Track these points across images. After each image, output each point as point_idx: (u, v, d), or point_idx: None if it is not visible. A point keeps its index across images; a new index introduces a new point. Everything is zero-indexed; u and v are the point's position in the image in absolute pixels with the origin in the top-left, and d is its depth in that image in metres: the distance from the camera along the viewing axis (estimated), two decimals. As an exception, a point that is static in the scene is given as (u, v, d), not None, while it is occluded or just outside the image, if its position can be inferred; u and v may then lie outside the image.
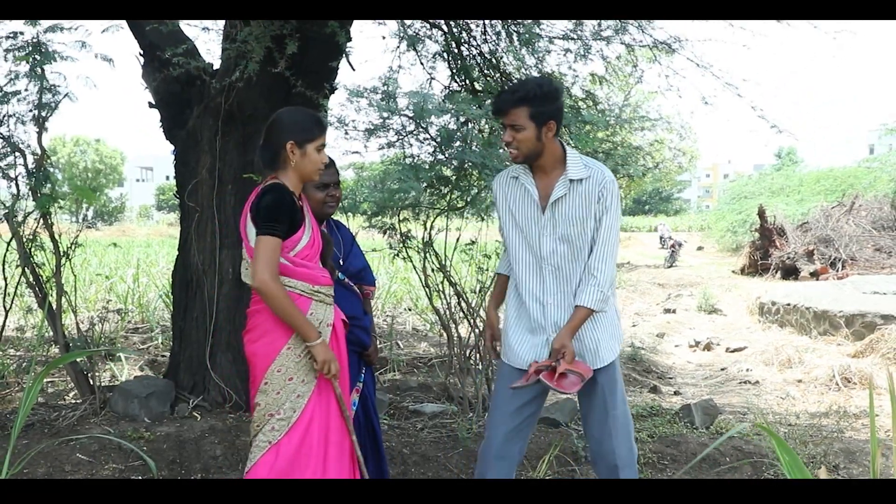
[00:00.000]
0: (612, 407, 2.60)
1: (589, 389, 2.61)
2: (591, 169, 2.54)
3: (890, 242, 16.21)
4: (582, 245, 2.54)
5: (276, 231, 2.34)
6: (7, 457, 2.53)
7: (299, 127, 2.42)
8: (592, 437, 2.67)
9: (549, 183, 2.54)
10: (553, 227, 2.54)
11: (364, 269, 3.01)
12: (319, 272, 2.50)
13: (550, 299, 2.57)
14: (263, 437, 2.43)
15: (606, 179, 2.53)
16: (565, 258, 2.55)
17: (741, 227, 22.51)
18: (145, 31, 3.99)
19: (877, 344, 6.81)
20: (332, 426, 2.49)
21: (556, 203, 2.53)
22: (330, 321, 2.52)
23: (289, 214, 2.38)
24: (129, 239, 22.78)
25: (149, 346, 6.75)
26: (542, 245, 2.55)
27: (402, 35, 4.07)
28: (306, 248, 2.45)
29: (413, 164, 3.52)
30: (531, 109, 2.41)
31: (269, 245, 2.33)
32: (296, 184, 2.46)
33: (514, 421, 2.61)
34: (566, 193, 2.52)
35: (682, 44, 4.18)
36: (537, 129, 2.44)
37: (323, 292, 2.50)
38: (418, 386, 5.42)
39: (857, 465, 3.86)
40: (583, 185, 2.52)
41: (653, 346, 8.41)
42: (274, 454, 2.41)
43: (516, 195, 2.60)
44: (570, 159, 2.53)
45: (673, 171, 30.65)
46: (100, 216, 43.96)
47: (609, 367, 2.61)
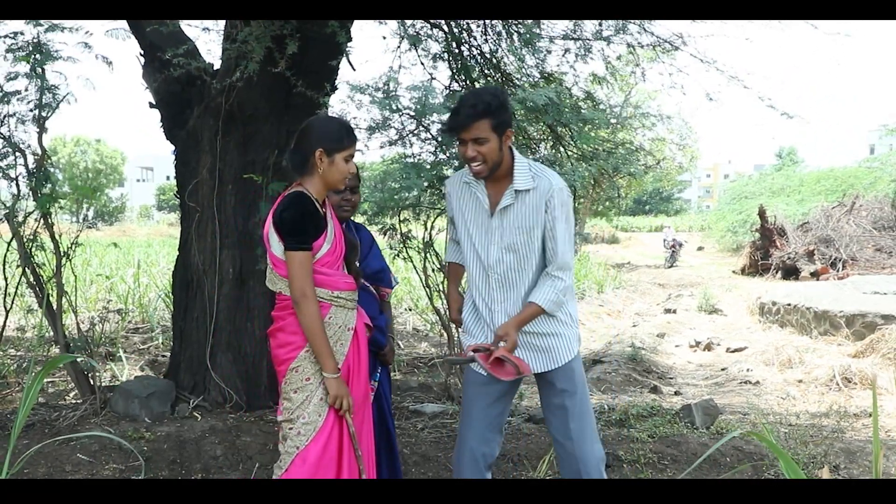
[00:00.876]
0: (571, 409, 2.57)
1: (548, 391, 2.62)
2: (539, 178, 2.52)
3: (890, 242, 16.22)
4: (527, 254, 2.53)
5: (304, 245, 2.40)
6: (7, 457, 2.53)
7: (330, 136, 2.46)
8: (555, 440, 2.64)
9: (500, 191, 2.54)
10: (500, 236, 2.54)
11: (382, 271, 3.02)
12: (340, 277, 2.52)
13: (497, 306, 2.58)
14: (292, 443, 2.46)
15: (554, 188, 2.50)
16: (511, 267, 2.55)
17: (741, 227, 22.53)
18: (146, 31, 3.99)
19: (877, 344, 6.80)
20: (346, 433, 2.52)
21: (503, 211, 2.53)
22: (351, 325, 2.55)
23: (312, 223, 2.43)
24: (129, 239, 22.78)
25: (149, 346, 6.76)
26: (490, 253, 2.55)
27: (402, 35, 4.07)
28: (327, 255, 2.48)
29: (414, 163, 3.52)
30: (492, 121, 2.40)
31: (300, 260, 2.39)
32: (320, 190, 2.49)
33: (485, 419, 2.60)
34: (512, 203, 2.51)
35: (684, 40, 4.17)
36: (499, 140, 2.44)
37: (344, 297, 2.52)
38: (419, 386, 5.42)
39: (857, 465, 3.85)
40: (529, 196, 2.50)
41: (653, 347, 8.41)
42: (301, 460, 2.44)
43: (468, 200, 2.60)
44: (517, 169, 2.51)
45: (673, 170, 30.64)
46: (100, 216, 43.93)
47: (565, 368, 2.58)
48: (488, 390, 2.61)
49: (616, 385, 6.34)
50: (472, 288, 2.64)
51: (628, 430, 4.27)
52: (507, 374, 2.44)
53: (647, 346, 8.22)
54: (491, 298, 2.59)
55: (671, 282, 16.59)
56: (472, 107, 2.40)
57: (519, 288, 2.56)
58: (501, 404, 2.65)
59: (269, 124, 4.10)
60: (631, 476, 3.57)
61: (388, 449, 3.00)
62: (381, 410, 2.99)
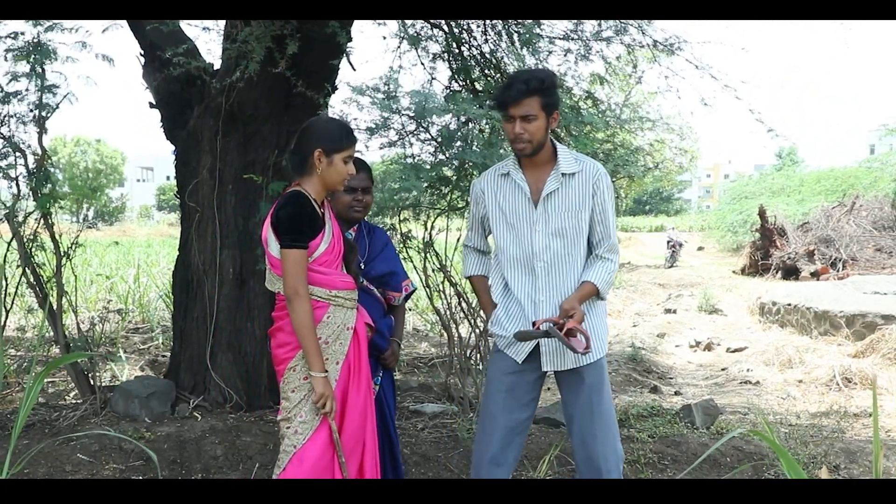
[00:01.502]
0: (597, 406, 2.54)
1: (575, 388, 2.56)
2: (582, 163, 2.53)
3: (890, 242, 16.22)
4: (575, 237, 2.51)
5: (299, 243, 2.40)
6: (7, 457, 2.53)
7: (329, 137, 2.45)
8: (577, 438, 2.58)
9: (541, 177, 2.52)
10: (546, 222, 2.51)
11: (390, 275, 2.95)
12: (338, 277, 2.52)
13: (543, 297, 2.52)
14: (289, 442, 2.46)
15: (600, 172, 2.52)
16: (558, 255, 2.51)
17: (742, 227, 22.53)
18: (146, 30, 3.99)
19: (877, 344, 6.81)
20: (347, 431, 2.51)
21: (548, 197, 2.51)
22: (351, 324, 2.54)
23: (308, 222, 2.42)
24: (129, 239, 22.77)
25: (149, 346, 6.76)
26: (535, 241, 2.52)
27: (402, 35, 4.07)
28: (325, 255, 2.47)
29: (414, 163, 3.52)
30: (542, 99, 2.39)
31: (295, 258, 2.39)
32: (319, 191, 2.49)
33: (509, 423, 2.55)
34: (559, 187, 2.50)
35: (682, 44, 4.18)
36: (547, 120, 2.43)
37: (342, 296, 2.51)
38: (419, 386, 5.42)
39: (857, 465, 3.86)
40: (575, 179, 2.50)
41: (653, 347, 8.41)
42: (299, 459, 2.43)
43: (506, 192, 2.57)
44: (560, 154, 2.52)
45: (673, 171, 30.62)
46: (100, 216, 43.87)
47: (597, 364, 2.56)
48: (515, 397, 2.56)
49: (616, 385, 6.34)
50: (514, 286, 2.57)
51: (628, 431, 4.27)
52: (578, 345, 2.38)
53: (647, 346, 8.22)
54: (536, 290, 2.53)
55: (671, 282, 16.58)
56: (525, 82, 2.39)
57: (564, 277, 2.51)
58: (528, 410, 2.61)
59: (269, 124, 4.10)
60: (631, 476, 3.57)
61: (390, 453, 2.96)
62: (383, 416, 2.96)
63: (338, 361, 2.51)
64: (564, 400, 2.65)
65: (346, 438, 2.51)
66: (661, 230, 39.51)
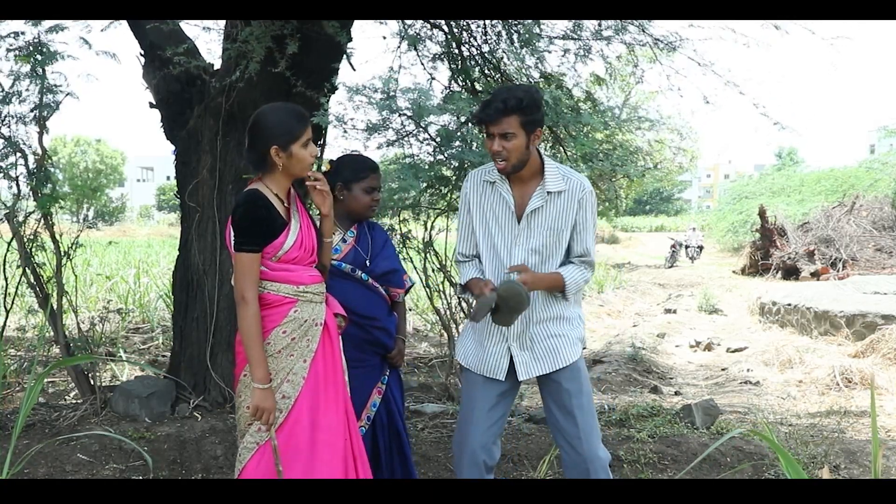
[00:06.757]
0: (578, 408, 2.54)
1: (553, 393, 2.58)
2: (569, 180, 2.51)
3: (891, 243, 16.22)
4: (553, 255, 2.52)
5: (249, 247, 2.33)
6: (8, 457, 2.53)
7: (280, 129, 2.33)
8: (563, 442, 2.59)
9: (526, 192, 2.51)
10: (527, 238, 2.51)
11: (392, 272, 2.95)
12: (304, 272, 2.44)
13: None
14: (251, 439, 2.42)
15: (586, 189, 2.51)
16: (534, 270, 2.50)
17: (742, 227, 22.53)
18: (146, 30, 3.99)
19: (877, 344, 6.80)
20: (322, 426, 2.44)
21: (532, 214, 2.50)
22: (320, 320, 2.47)
23: (262, 225, 2.34)
24: (129, 239, 22.79)
25: (149, 346, 6.76)
26: (513, 256, 2.52)
27: (402, 35, 4.07)
28: (294, 250, 2.40)
29: (413, 163, 3.52)
30: (521, 118, 2.38)
31: (243, 262, 2.34)
32: (283, 185, 2.41)
33: (486, 423, 2.57)
34: (543, 205, 2.49)
35: (682, 42, 4.17)
36: (527, 138, 2.42)
37: (311, 291, 2.45)
38: (419, 386, 5.42)
39: (857, 465, 3.85)
40: (561, 198, 2.50)
41: (653, 347, 8.41)
42: (260, 455, 2.40)
43: (492, 202, 2.56)
44: (547, 169, 2.50)
45: (674, 171, 30.64)
46: (100, 216, 43.87)
47: (571, 368, 2.56)
48: (489, 393, 2.58)
49: (616, 385, 6.35)
50: None
51: (628, 431, 4.27)
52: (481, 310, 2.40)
53: (647, 346, 8.21)
54: None
55: (671, 282, 16.59)
56: (504, 101, 2.38)
57: (537, 293, 2.52)
58: (502, 407, 2.62)
59: (270, 124, 4.10)
60: (631, 476, 3.57)
61: (399, 452, 2.96)
62: (391, 413, 2.96)
63: (305, 359, 2.43)
64: (546, 406, 2.66)
65: (325, 433, 2.44)
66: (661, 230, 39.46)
